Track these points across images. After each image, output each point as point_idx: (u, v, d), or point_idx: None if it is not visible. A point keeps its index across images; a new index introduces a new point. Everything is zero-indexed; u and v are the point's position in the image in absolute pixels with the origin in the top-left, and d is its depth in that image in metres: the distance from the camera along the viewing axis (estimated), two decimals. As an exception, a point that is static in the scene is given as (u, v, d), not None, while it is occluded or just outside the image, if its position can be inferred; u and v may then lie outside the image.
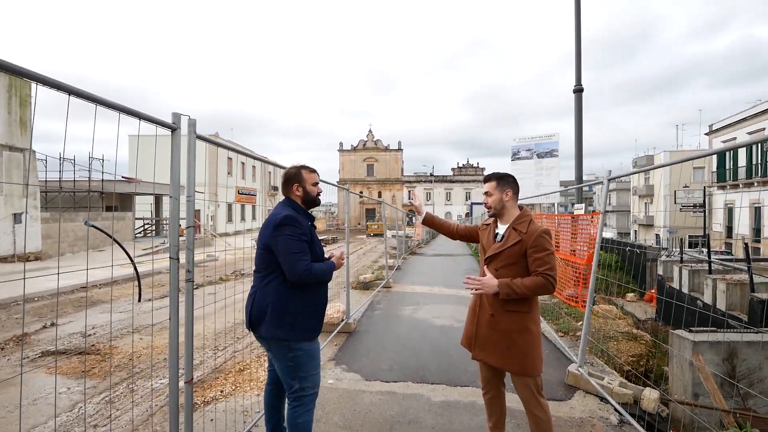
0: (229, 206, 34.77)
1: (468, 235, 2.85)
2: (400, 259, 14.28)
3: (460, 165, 65.24)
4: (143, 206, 23.52)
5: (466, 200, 60.25)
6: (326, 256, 2.47)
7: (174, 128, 1.98)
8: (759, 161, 21.95)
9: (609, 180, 3.86)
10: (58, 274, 1.74)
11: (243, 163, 37.51)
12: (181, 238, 2.05)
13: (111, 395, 3.73)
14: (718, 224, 25.88)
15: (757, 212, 22.40)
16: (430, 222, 2.96)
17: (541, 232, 2.32)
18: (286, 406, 2.32)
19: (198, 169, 2.14)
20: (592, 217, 4.14)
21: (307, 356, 2.25)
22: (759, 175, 21.91)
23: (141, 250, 17.26)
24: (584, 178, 8.16)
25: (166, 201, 25.14)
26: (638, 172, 4.24)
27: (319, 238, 2.73)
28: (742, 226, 23.19)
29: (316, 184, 2.48)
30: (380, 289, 8.60)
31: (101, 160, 18.82)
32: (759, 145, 22.26)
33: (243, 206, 37.62)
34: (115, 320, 6.69)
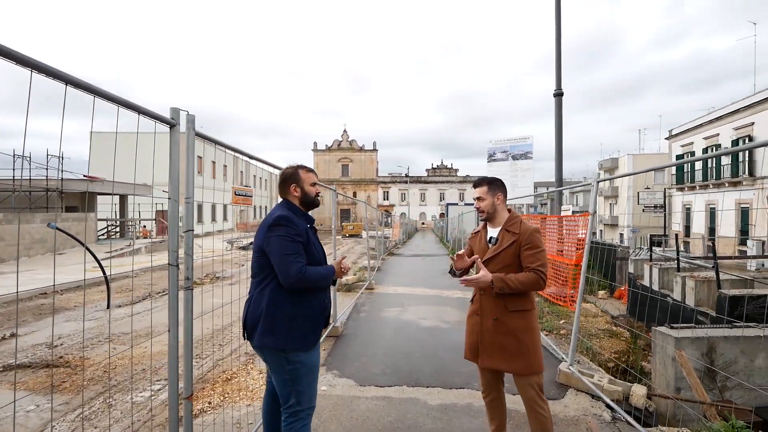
0: (199, 206, 33.63)
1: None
2: (380, 260, 14.23)
3: (435, 166, 65.93)
4: (105, 206, 22.35)
5: (441, 200, 60.98)
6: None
7: (173, 124, 1.84)
8: (713, 165, 23.38)
9: (598, 182, 3.96)
10: (53, 285, 1.56)
11: (214, 162, 36.38)
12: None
13: (111, 404, 3.47)
14: (677, 224, 27.36)
15: (712, 212, 23.85)
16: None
17: (533, 230, 2.42)
18: (282, 420, 2.21)
19: (164, 166, 1.98)
20: (580, 218, 4.23)
21: (305, 369, 2.15)
22: (713, 178, 23.34)
23: (104, 252, 16.36)
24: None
25: (131, 201, 23.95)
26: (632, 174, 4.40)
27: None
28: (700, 225, 24.63)
29: (314, 184, 2.38)
30: (363, 291, 8.51)
31: (60, 158, 17.71)
32: (714, 149, 23.74)
33: (213, 207, 36.48)
34: (84, 329, 6.27)
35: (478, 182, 2.60)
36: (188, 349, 1.93)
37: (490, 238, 2.56)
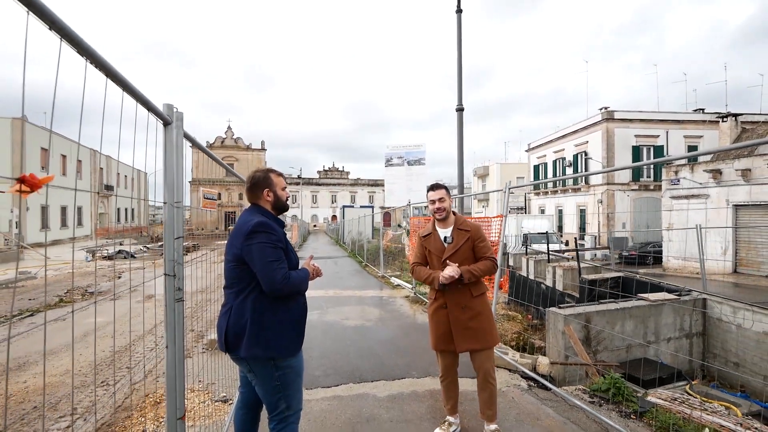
0: (44, 209, 27.69)
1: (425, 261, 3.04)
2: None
3: (326, 168, 65.92)
4: None
5: (333, 203, 61.30)
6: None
7: (168, 122, 1.70)
8: (560, 173, 28.56)
9: (509, 189, 4.68)
10: None
11: (64, 156, 30.30)
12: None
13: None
14: (534, 223, 32.58)
15: (559, 213, 29.09)
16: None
17: (478, 226, 2.93)
18: (269, 428, 2.19)
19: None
20: (494, 219, 4.92)
21: (294, 373, 2.19)
22: (561, 185, 28.51)
23: None
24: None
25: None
26: (544, 182, 5.22)
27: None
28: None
29: (284, 188, 2.42)
30: (276, 297, 8.22)
31: None
32: (560, 161, 29.01)
33: (64, 209, 30.40)
34: None
35: (438, 186, 2.98)
36: (180, 367, 1.79)
37: (445, 237, 2.92)
